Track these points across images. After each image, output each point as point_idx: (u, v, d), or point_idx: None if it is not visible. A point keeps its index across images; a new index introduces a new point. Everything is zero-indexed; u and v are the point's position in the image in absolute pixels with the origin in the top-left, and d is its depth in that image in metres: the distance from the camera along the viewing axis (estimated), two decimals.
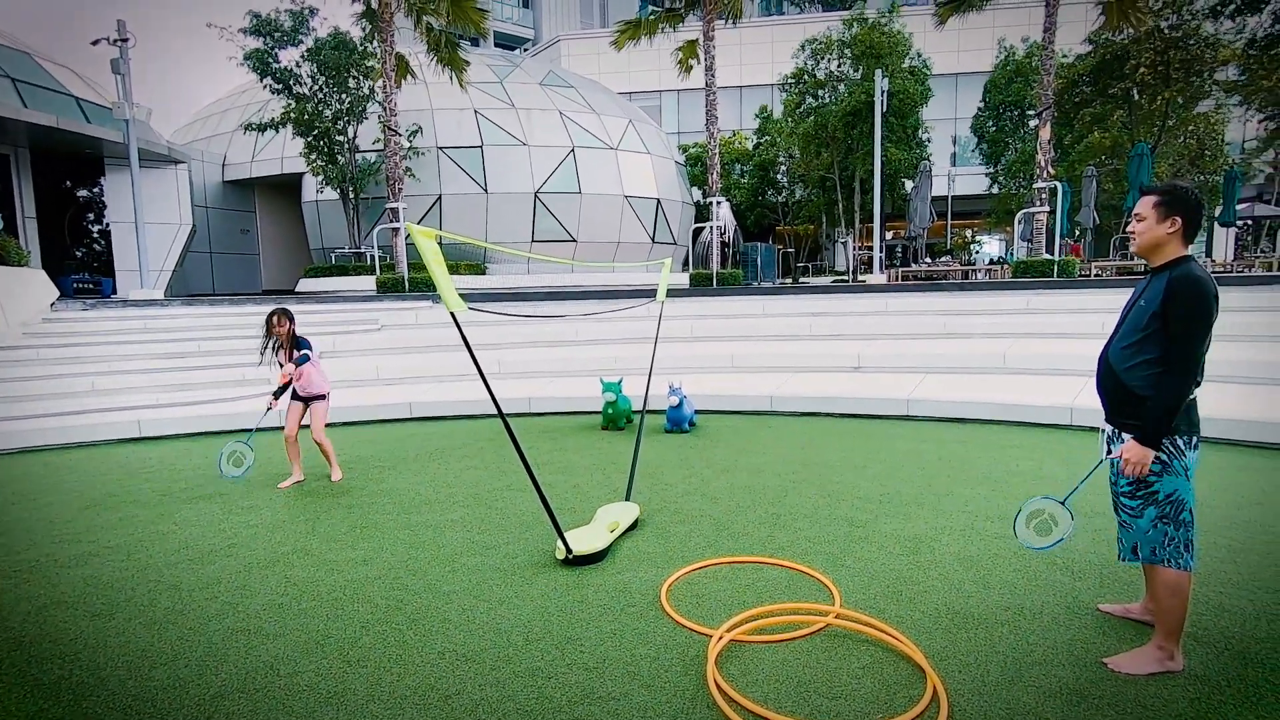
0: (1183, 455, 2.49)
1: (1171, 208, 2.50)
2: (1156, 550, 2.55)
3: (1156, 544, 2.55)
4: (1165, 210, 2.51)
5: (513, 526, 4.49)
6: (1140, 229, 2.58)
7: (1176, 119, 20.17)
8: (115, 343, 10.51)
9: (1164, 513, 2.52)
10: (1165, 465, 2.50)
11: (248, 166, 21.32)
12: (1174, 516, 2.52)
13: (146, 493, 5.65)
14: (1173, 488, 2.51)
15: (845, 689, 2.55)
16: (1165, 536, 2.53)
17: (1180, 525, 2.52)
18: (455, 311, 3.37)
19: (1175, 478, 2.50)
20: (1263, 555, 3.64)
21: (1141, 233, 2.57)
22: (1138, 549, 2.60)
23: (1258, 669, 2.59)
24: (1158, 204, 2.53)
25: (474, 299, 12.41)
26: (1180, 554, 2.52)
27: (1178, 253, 2.52)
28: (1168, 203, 2.51)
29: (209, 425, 8.26)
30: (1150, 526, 2.55)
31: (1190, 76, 18.85)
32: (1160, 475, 2.51)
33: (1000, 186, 24.82)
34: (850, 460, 5.97)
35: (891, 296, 11.57)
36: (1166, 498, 2.51)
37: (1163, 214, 2.51)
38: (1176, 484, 2.50)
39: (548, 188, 19.99)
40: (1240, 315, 8.79)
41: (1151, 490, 2.53)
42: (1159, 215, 2.52)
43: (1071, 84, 21.01)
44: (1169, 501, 2.51)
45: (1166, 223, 2.51)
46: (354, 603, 3.41)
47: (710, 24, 16.08)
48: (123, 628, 3.22)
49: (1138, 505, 2.57)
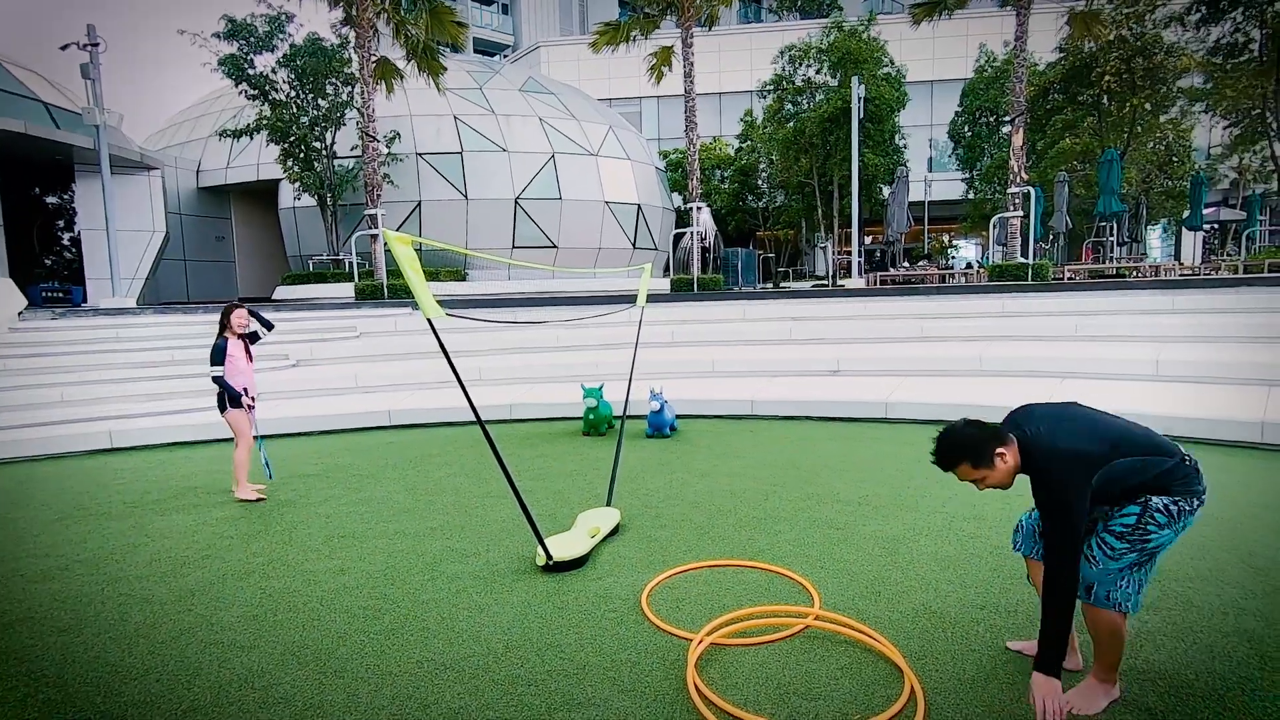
0: (1190, 514, 2.31)
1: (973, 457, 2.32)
2: (1112, 594, 2.33)
3: (1114, 587, 2.33)
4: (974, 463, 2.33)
5: (493, 533, 4.47)
6: (987, 486, 2.38)
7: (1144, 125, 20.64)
8: (86, 352, 10.31)
9: (1141, 560, 2.33)
10: (1172, 519, 2.28)
11: (223, 173, 21.05)
12: (1145, 563, 2.36)
13: (118, 505, 5.54)
14: (1163, 541, 2.32)
15: (824, 690, 2.57)
16: (1129, 581, 2.33)
17: (1146, 570, 2.37)
18: (433, 319, 3.36)
19: (1173, 533, 2.31)
20: (1228, 552, 3.72)
21: (993, 485, 2.38)
22: (1093, 589, 2.35)
23: (1225, 662, 2.65)
24: (971, 467, 2.34)
25: (454, 305, 12.40)
26: (1132, 597, 2.35)
27: (1015, 457, 2.33)
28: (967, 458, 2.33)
29: (182, 435, 8.12)
30: (1124, 571, 2.33)
31: (1155, 84, 19.31)
32: (1163, 528, 2.29)
33: (976, 191, 25.21)
34: (830, 463, 6.01)
35: (870, 301, 11.69)
36: (1155, 548, 2.32)
37: (976, 464, 2.33)
38: (1169, 537, 2.32)
39: (528, 194, 19.96)
40: (1210, 317, 9.01)
41: (1147, 540, 2.30)
42: (981, 468, 2.33)
43: (1043, 91, 21.42)
44: (1152, 552, 2.33)
45: (985, 464, 2.32)
46: (331, 613, 3.37)
47: (688, 30, 16.19)
48: (91, 643, 3.15)
49: (1121, 549, 2.32)
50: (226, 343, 5.56)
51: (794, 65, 22.77)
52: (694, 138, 16.41)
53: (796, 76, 22.86)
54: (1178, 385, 7.44)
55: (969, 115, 25.01)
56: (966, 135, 25.21)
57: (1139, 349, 8.34)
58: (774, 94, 23.43)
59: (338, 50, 17.31)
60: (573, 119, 21.68)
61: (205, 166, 21.39)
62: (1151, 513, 2.30)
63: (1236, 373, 7.48)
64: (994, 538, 4.00)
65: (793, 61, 22.72)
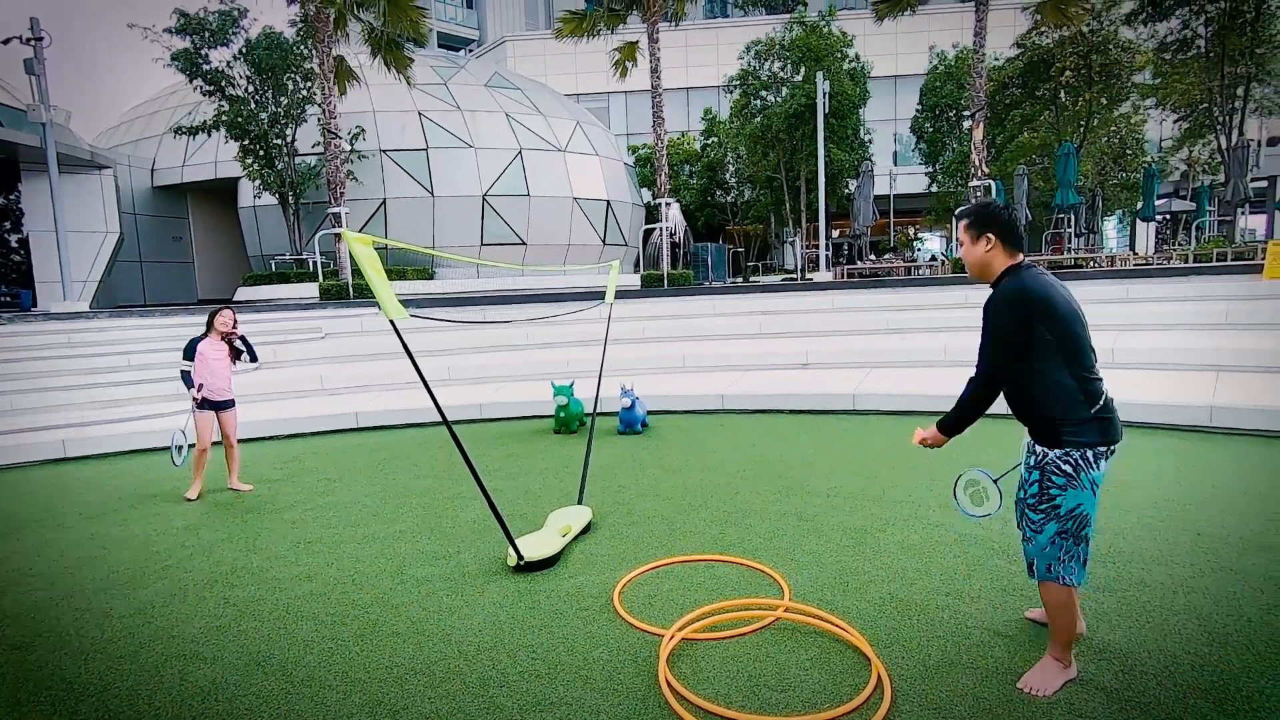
0: (1091, 468, 2.38)
1: (982, 227, 2.49)
2: (1052, 566, 2.44)
3: (1053, 560, 2.44)
4: (977, 230, 2.51)
5: (463, 535, 4.43)
6: (963, 254, 2.57)
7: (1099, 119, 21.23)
8: (36, 358, 9.95)
9: (1065, 528, 2.41)
10: (1070, 478, 2.38)
11: (179, 171, 20.44)
12: (1075, 532, 2.41)
13: (73, 516, 5.36)
14: (1076, 502, 2.39)
15: (794, 681, 2.60)
16: (1063, 551, 2.42)
17: (1080, 540, 2.42)
18: (395, 319, 3.31)
19: (1080, 491, 2.39)
20: (1179, 532, 3.86)
21: (965, 258, 2.57)
22: (1034, 565, 2.50)
23: (1176, 639, 2.74)
24: (968, 226, 2.54)
25: (422, 304, 12.25)
26: (1074, 570, 2.43)
27: (1004, 265, 2.49)
28: (977, 223, 2.51)
29: (140, 443, 7.88)
30: (1049, 542, 2.44)
31: (1110, 79, 19.86)
32: (1064, 489, 2.40)
33: (939, 185, 25.66)
34: (799, 455, 6.08)
35: (838, 294, 11.84)
36: (1069, 512, 2.40)
37: (975, 235, 2.51)
38: (1081, 498, 2.39)
39: (495, 190, 19.77)
40: (1163, 305, 9.31)
41: (1054, 504, 2.42)
42: (972, 237, 2.52)
43: (1002, 86, 21.89)
44: (1071, 516, 2.41)
45: (981, 241, 2.49)
46: (297, 621, 3.31)
47: (654, 25, 16.17)
48: (45, 659, 3.05)
49: (1039, 520, 2.46)
50: (200, 340, 5.57)
51: (760, 61, 22.91)
52: (661, 133, 16.41)
53: (762, 72, 23.00)
54: (1132, 371, 7.67)
55: (929, 111, 25.44)
56: (929, 130, 25.64)
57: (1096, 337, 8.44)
58: (740, 89, 23.56)
59: (295, 45, 16.91)
60: (540, 115, 21.51)
61: (160, 165, 20.75)
62: (1049, 474, 2.42)
63: (1187, 359, 7.75)
64: (959, 526, 4.09)
65: (758, 57, 22.86)
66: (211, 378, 5.55)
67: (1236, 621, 2.86)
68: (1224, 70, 18.62)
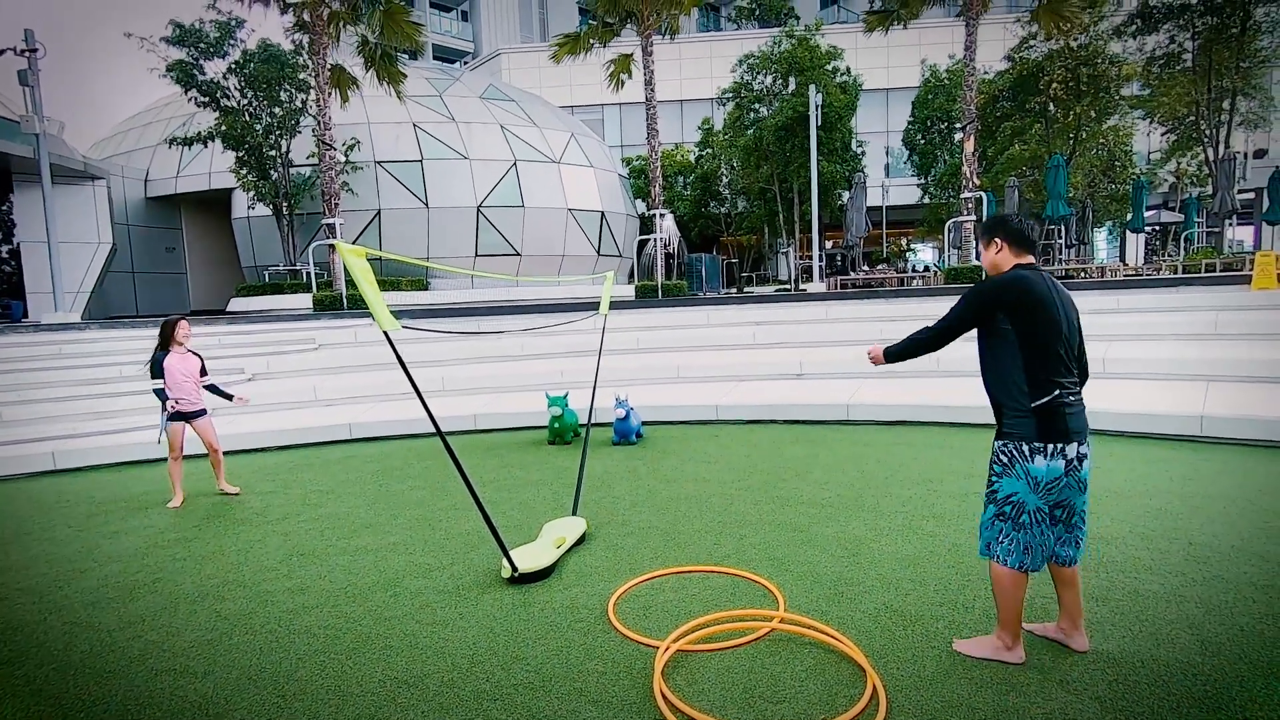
0: (1027, 461, 2.55)
1: (990, 233, 2.75)
2: (991, 545, 2.65)
3: (991, 539, 2.65)
4: (987, 237, 2.77)
5: (457, 547, 4.41)
6: (983, 261, 2.84)
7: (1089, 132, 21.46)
8: (27, 369, 9.88)
9: (1002, 511, 2.62)
10: (1006, 467, 2.61)
11: (172, 182, 20.43)
12: (1012, 517, 2.60)
13: (62, 529, 5.31)
14: (1011, 490, 2.59)
15: (789, 692, 2.60)
16: (1000, 533, 2.62)
17: (1019, 528, 2.59)
18: (388, 330, 3.31)
19: (1016, 481, 2.58)
20: (1171, 541, 3.87)
21: (983, 263, 2.83)
22: (979, 540, 2.73)
23: (1168, 648, 2.75)
24: (981, 235, 2.83)
25: (416, 315, 12.24)
26: (1012, 553, 2.60)
27: (1011, 264, 2.70)
28: (987, 230, 2.78)
29: (131, 455, 7.83)
30: (989, 522, 2.66)
31: (1099, 92, 20.09)
32: (1000, 476, 2.62)
33: (931, 197, 25.85)
34: (793, 466, 6.09)
35: (831, 304, 11.89)
36: (1005, 498, 2.61)
37: (986, 240, 2.78)
38: (1016, 487, 2.58)
39: (490, 202, 19.82)
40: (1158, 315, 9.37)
41: (992, 488, 2.66)
42: (984, 243, 2.79)
43: (993, 99, 22.11)
44: (1008, 502, 2.60)
45: (992, 245, 2.75)
46: (290, 634, 3.29)
47: (648, 39, 16.31)
48: (33, 675, 3.02)
49: (985, 499, 2.71)
50: (164, 357, 5.55)
51: (752, 73, 23.10)
52: (656, 145, 16.50)
53: (755, 84, 23.18)
54: (1123, 382, 7.73)
55: (921, 124, 25.68)
56: (920, 143, 25.86)
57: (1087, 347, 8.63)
58: (733, 101, 23.72)
59: (291, 56, 16.96)
60: (534, 126, 21.61)
61: (154, 175, 20.73)
62: (991, 460, 2.69)
63: (1177, 369, 7.81)
64: (953, 536, 4.10)
65: (751, 70, 23.05)
66: (179, 391, 5.67)
67: (1229, 631, 2.87)
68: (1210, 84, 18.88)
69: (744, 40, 29.63)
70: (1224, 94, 19.15)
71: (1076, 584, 2.75)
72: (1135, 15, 19.40)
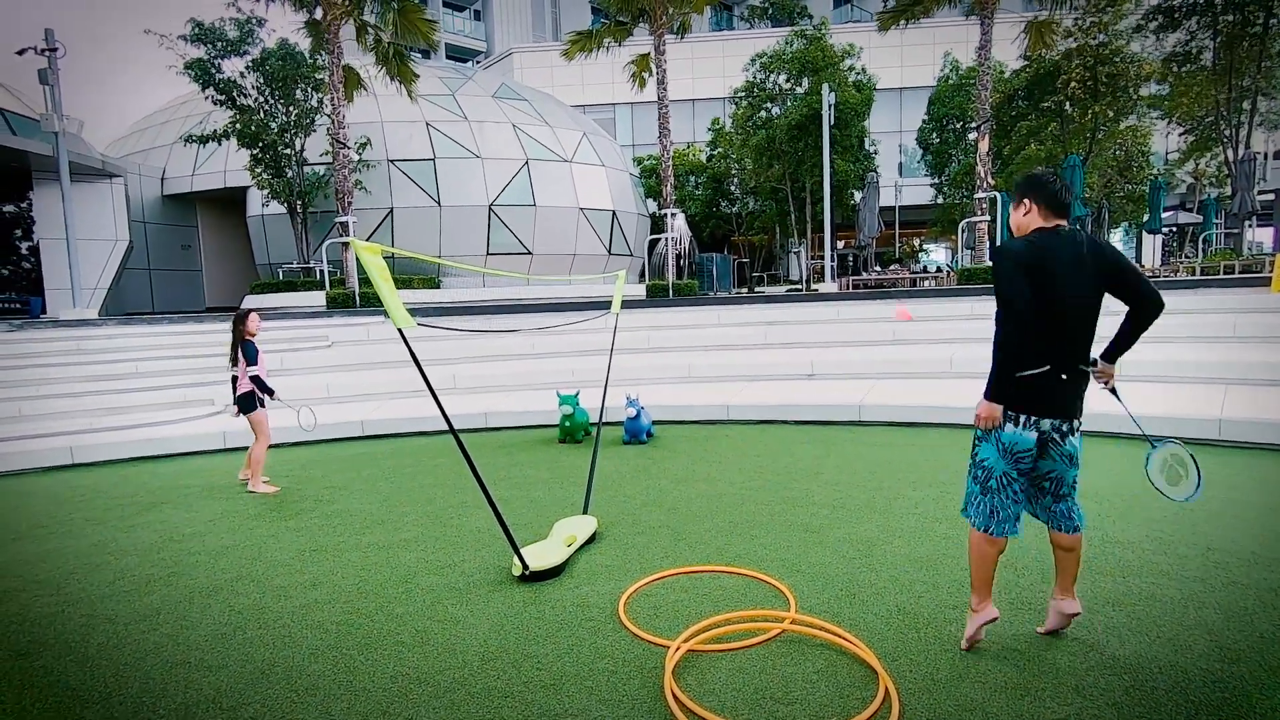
0: (1000, 428, 2.68)
1: (1023, 193, 2.74)
2: (966, 505, 2.82)
3: (968, 498, 2.81)
4: (1019, 196, 2.76)
5: (468, 544, 4.42)
6: (1012, 218, 2.85)
7: (1105, 132, 21.23)
8: (45, 365, 10.02)
9: (975, 474, 2.78)
10: (986, 431, 2.74)
11: (189, 180, 20.63)
12: (982, 480, 2.74)
13: (79, 522, 5.38)
14: (985, 455, 2.74)
15: (801, 693, 2.58)
16: (973, 495, 2.78)
17: (987, 491, 2.73)
18: (403, 328, 3.33)
19: (989, 445, 2.73)
20: (1189, 546, 3.82)
21: (1012, 224, 2.84)
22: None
23: (1186, 655, 2.71)
24: (1015, 193, 2.80)
25: (428, 313, 12.29)
26: (979, 516, 2.75)
27: (1038, 227, 2.69)
28: (1019, 190, 2.77)
29: (147, 450, 7.92)
30: (970, 480, 2.81)
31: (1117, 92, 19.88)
32: (980, 439, 2.77)
33: (945, 196, 25.67)
34: (805, 466, 6.06)
35: (843, 305, 11.83)
36: (979, 461, 2.77)
37: (1017, 200, 2.78)
38: (988, 453, 2.73)
39: (502, 200, 19.87)
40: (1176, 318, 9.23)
41: (974, 448, 2.81)
42: (1015, 203, 2.79)
43: (1008, 98, 21.92)
44: (980, 465, 2.76)
45: (1021, 207, 2.75)
46: (302, 629, 3.31)
47: (660, 38, 16.30)
48: (51, 666, 3.05)
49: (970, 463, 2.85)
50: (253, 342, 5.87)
51: (765, 73, 23.02)
52: (668, 144, 16.50)
53: (768, 83, 23.10)
54: (1140, 384, 7.63)
55: (936, 123, 25.49)
56: (934, 142, 25.68)
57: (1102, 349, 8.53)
58: (746, 101, 23.66)
59: (310, 55, 17.08)
60: (546, 125, 21.65)
61: (170, 174, 20.95)
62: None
63: (1196, 372, 7.70)
64: (966, 539, 4.06)
65: (763, 69, 22.97)
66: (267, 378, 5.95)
67: (1248, 637, 2.83)
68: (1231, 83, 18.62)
69: (757, 39, 29.55)
70: (1244, 94, 18.89)
71: (1076, 549, 2.79)
72: (1157, 10, 19.16)
